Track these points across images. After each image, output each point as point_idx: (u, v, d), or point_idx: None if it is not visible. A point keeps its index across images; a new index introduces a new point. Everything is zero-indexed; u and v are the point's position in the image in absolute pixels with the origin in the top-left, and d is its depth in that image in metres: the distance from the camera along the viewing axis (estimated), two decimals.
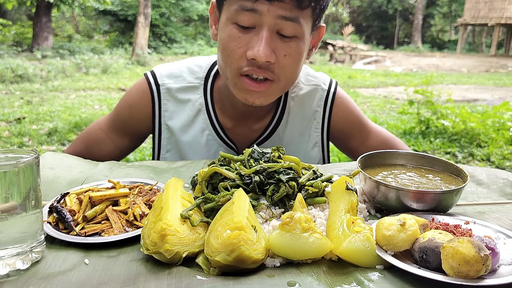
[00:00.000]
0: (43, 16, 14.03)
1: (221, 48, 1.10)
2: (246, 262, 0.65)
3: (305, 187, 0.86)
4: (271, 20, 1.02)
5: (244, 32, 1.05)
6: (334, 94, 1.36)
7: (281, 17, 1.02)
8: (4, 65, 9.00)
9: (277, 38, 1.05)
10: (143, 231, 0.72)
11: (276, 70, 1.08)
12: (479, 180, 1.09)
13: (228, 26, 1.07)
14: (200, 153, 1.30)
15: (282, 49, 1.06)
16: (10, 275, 0.65)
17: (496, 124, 4.91)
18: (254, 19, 1.03)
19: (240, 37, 1.05)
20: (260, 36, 1.03)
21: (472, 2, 21.27)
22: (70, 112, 6.00)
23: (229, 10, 1.06)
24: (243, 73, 1.08)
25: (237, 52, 1.06)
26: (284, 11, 1.02)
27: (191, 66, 1.33)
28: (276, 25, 1.03)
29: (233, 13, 1.04)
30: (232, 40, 1.06)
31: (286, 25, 1.03)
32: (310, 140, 1.36)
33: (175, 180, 0.84)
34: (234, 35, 1.06)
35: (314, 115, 1.36)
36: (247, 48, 1.05)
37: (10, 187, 0.65)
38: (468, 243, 0.60)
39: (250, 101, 1.12)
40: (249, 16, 1.02)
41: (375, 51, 21.94)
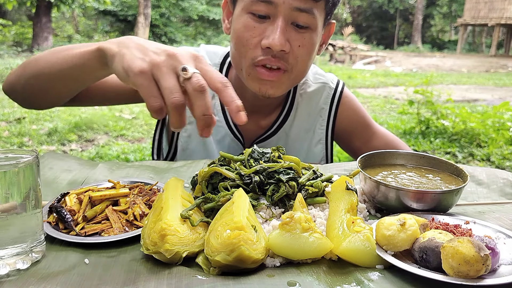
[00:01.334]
0: (43, 16, 14.03)
1: (236, 38, 1.11)
2: (246, 262, 0.65)
3: (305, 187, 0.86)
4: (286, 11, 1.04)
5: (259, 21, 1.07)
6: (341, 93, 1.39)
7: (296, 9, 1.05)
8: (4, 65, 9.00)
9: (292, 28, 1.07)
10: (143, 231, 0.72)
11: (290, 60, 1.10)
12: (479, 180, 1.09)
13: (243, 16, 1.09)
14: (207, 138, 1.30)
15: (296, 39, 1.08)
16: (10, 275, 0.65)
17: (496, 124, 4.92)
18: (269, 9, 1.05)
19: (255, 27, 1.07)
20: (275, 25, 1.05)
21: (472, 2, 21.27)
22: (70, 112, 6.00)
23: (244, 1, 1.08)
24: (258, 63, 1.09)
25: (252, 41, 1.08)
26: (299, 3, 1.04)
27: (209, 51, 1.35)
28: (291, 16, 1.06)
29: (249, 3, 1.06)
30: (247, 29, 1.08)
31: (301, 16, 1.06)
32: (314, 136, 1.38)
33: (175, 180, 0.84)
34: (249, 25, 1.07)
35: (320, 113, 1.38)
36: (262, 37, 1.07)
37: (10, 187, 0.65)
38: (468, 243, 0.60)
39: (263, 91, 1.13)
40: (265, 7, 1.05)
41: (375, 51, 21.94)
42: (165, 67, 0.70)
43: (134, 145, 4.60)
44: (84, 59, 0.90)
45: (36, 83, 1.05)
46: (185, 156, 1.33)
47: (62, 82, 1.01)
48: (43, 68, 1.01)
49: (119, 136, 5.03)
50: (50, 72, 1.00)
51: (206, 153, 1.30)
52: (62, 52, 0.98)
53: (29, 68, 1.06)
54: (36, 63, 1.04)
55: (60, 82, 1.02)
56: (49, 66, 1.00)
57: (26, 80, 1.07)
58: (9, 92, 1.15)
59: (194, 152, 1.32)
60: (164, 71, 0.70)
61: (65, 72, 0.97)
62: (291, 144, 1.35)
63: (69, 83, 1.02)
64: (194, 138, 1.31)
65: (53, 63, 0.99)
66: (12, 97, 1.16)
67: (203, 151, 1.31)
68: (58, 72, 0.98)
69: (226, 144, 1.32)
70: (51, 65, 0.99)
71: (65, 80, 1.01)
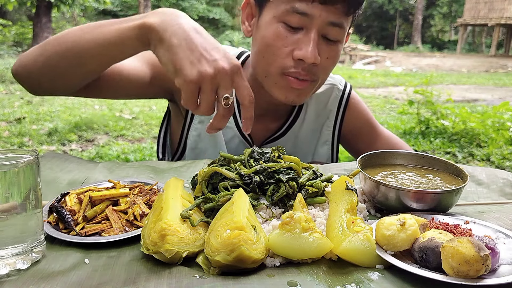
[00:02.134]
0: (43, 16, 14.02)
1: (264, 45, 1.10)
2: (246, 262, 0.65)
3: (305, 187, 0.86)
4: (321, 24, 1.05)
5: (292, 32, 1.07)
6: (348, 95, 1.40)
7: (330, 23, 1.05)
8: (4, 65, 9.01)
9: (323, 41, 1.08)
10: (143, 231, 0.72)
11: (317, 72, 1.11)
12: (479, 180, 1.09)
13: (274, 24, 1.08)
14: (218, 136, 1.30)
15: (325, 52, 1.09)
16: (10, 275, 0.65)
17: (496, 124, 4.92)
18: (304, 21, 1.05)
19: (287, 37, 1.07)
20: (309, 37, 1.05)
21: (472, 2, 21.27)
22: (70, 112, 6.00)
23: (277, 9, 1.07)
24: (289, 74, 1.09)
25: (283, 51, 1.08)
26: (333, 17, 1.05)
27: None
28: (324, 29, 1.06)
29: (283, 13, 1.06)
30: (279, 38, 1.07)
31: (333, 30, 1.07)
32: (321, 137, 1.40)
33: (175, 180, 0.84)
34: (282, 34, 1.07)
35: (328, 114, 1.40)
36: (294, 48, 1.07)
37: (10, 187, 0.65)
38: (468, 243, 0.60)
39: (290, 99, 1.14)
40: (300, 18, 1.05)
41: (375, 51, 21.94)
42: (211, 84, 0.78)
43: (134, 145, 4.60)
44: (123, 37, 0.88)
45: (62, 62, 0.98)
46: (194, 155, 1.32)
47: (92, 59, 0.96)
48: (72, 46, 0.95)
49: (119, 136, 5.03)
50: (80, 49, 0.95)
51: (216, 153, 1.30)
52: (96, 29, 0.94)
53: (54, 47, 0.98)
54: (63, 40, 0.97)
55: (91, 59, 0.96)
56: (78, 43, 0.94)
57: (47, 60, 0.99)
58: (21, 74, 1.06)
59: (203, 152, 1.32)
60: (209, 88, 0.78)
61: (97, 49, 0.93)
62: (299, 145, 1.36)
63: (101, 61, 0.97)
64: (204, 138, 1.31)
65: (86, 40, 0.94)
66: (23, 80, 1.08)
67: (213, 151, 1.31)
68: (91, 49, 0.94)
69: (234, 146, 1.32)
70: (83, 42, 0.94)
71: (96, 57, 0.96)
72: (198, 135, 1.31)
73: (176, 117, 1.37)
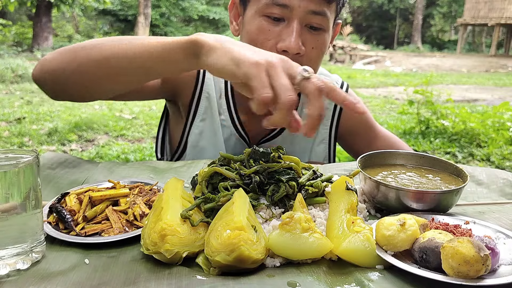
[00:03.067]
0: (43, 16, 14.02)
1: (249, 40, 1.11)
2: (246, 262, 0.65)
3: (305, 187, 0.86)
4: (301, 14, 1.05)
5: (274, 24, 1.07)
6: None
7: (311, 11, 1.06)
8: (4, 65, 9.00)
9: (306, 31, 1.08)
10: (143, 231, 0.72)
11: (304, 63, 1.10)
12: (479, 180, 1.09)
13: (256, 19, 1.09)
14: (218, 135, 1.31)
15: (310, 41, 1.09)
16: (10, 275, 0.65)
17: (496, 124, 4.92)
18: (284, 12, 1.06)
19: (269, 30, 1.08)
20: (291, 28, 1.06)
21: (472, 2, 21.27)
22: (70, 112, 6.00)
23: (258, 3, 1.08)
24: None
25: (268, 44, 1.08)
26: (314, 6, 1.05)
27: None
28: (306, 19, 1.07)
29: (263, 6, 1.07)
30: (262, 32, 1.08)
31: (315, 18, 1.07)
32: (317, 136, 1.39)
33: (175, 180, 0.84)
34: (264, 28, 1.08)
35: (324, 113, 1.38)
36: (278, 41, 1.07)
37: (10, 187, 0.65)
38: (468, 243, 0.60)
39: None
40: (280, 10, 1.05)
41: (375, 51, 21.94)
42: (281, 67, 0.72)
43: (134, 145, 4.59)
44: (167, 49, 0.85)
45: (96, 71, 0.95)
46: (194, 153, 1.32)
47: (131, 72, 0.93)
48: (109, 55, 0.92)
49: (119, 136, 5.03)
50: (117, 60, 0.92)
51: (215, 151, 1.30)
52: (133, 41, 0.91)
53: (87, 55, 0.95)
54: (97, 49, 0.94)
55: (129, 72, 0.93)
56: (116, 54, 0.91)
57: (78, 67, 0.96)
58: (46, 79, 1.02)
59: (204, 150, 1.32)
60: (279, 71, 0.72)
61: (137, 62, 0.90)
62: (295, 143, 1.36)
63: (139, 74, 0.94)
64: (205, 136, 1.31)
65: (123, 51, 0.91)
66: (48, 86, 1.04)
67: (213, 149, 1.31)
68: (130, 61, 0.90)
69: (232, 144, 1.32)
70: (119, 53, 0.91)
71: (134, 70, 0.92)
72: (199, 133, 1.31)
73: (175, 117, 1.37)
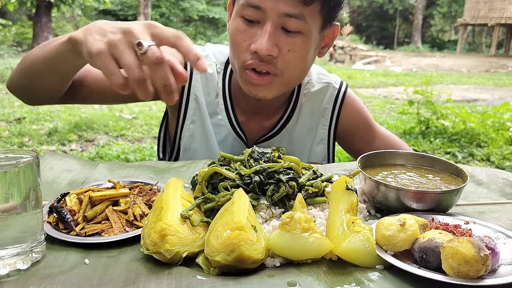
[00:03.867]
0: (43, 16, 14.02)
1: (230, 40, 1.14)
2: (246, 262, 0.65)
3: (305, 187, 0.86)
4: (275, 16, 1.05)
5: (249, 25, 1.08)
6: (344, 93, 1.39)
7: (285, 14, 1.04)
8: (4, 65, 9.00)
9: (282, 33, 1.07)
10: (143, 231, 0.72)
11: (279, 65, 1.10)
12: (479, 180, 1.09)
13: (236, 19, 1.11)
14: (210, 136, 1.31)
15: (286, 44, 1.08)
16: (10, 275, 0.65)
17: (496, 124, 4.92)
18: (258, 14, 1.06)
19: (245, 31, 1.09)
20: (263, 30, 1.06)
21: (472, 2, 21.26)
22: (70, 112, 6.00)
23: (237, 4, 1.10)
24: (248, 67, 1.11)
25: (243, 45, 1.09)
26: (288, 8, 1.03)
27: (215, 50, 1.36)
28: (280, 21, 1.06)
29: (240, 7, 1.08)
30: (239, 33, 1.10)
31: (290, 21, 1.06)
32: (316, 136, 1.39)
33: (175, 180, 0.84)
34: (241, 28, 1.09)
35: (323, 112, 1.38)
36: (252, 42, 1.08)
37: (10, 187, 0.65)
38: (468, 243, 0.60)
39: (254, 93, 1.15)
40: (254, 12, 1.06)
41: (375, 51, 21.94)
42: (122, 44, 0.72)
43: (134, 145, 4.59)
44: (59, 51, 0.91)
45: (27, 78, 1.08)
46: (187, 156, 1.33)
47: (46, 73, 1.02)
48: (31, 63, 1.04)
49: (119, 136, 5.03)
50: (36, 66, 1.02)
51: (208, 153, 1.30)
52: (45, 46, 0.99)
53: (22, 64, 1.09)
54: (26, 58, 1.07)
55: (45, 73, 1.02)
56: (34, 61, 1.02)
57: (20, 75, 1.10)
58: (10, 88, 1.16)
59: (196, 152, 1.32)
60: (121, 49, 0.71)
61: (46, 64, 0.98)
62: (294, 143, 1.36)
63: (51, 76, 1.03)
64: (197, 138, 1.31)
65: (37, 57, 1.01)
66: (14, 93, 1.17)
67: (205, 151, 1.31)
68: (41, 66, 1.00)
69: (229, 144, 1.32)
70: (35, 60, 1.01)
71: (48, 71, 1.01)
72: (191, 135, 1.31)
73: (173, 118, 1.37)
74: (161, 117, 1.45)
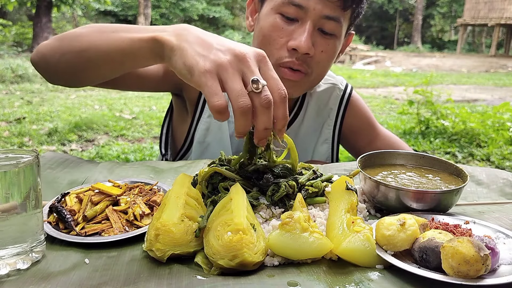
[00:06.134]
0: (43, 16, 14.02)
1: (262, 36, 1.13)
2: (247, 266, 0.65)
3: (305, 187, 0.86)
4: (316, 17, 1.08)
5: (287, 23, 1.09)
6: (350, 94, 1.41)
7: (325, 16, 1.08)
8: (4, 65, 9.00)
9: (318, 33, 1.10)
10: (149, 226, 0.72)
11: (311, 64, 1.12)
12: (479, 180, 1.09)
13: (271, 15, 1.11)
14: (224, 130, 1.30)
15: (320, 44, 1.10)
16: (10, 275, 0.65)
17: (496, 124, 4.92)
18: (299, 13, 1.08)
19: (283, 28, 1.10)
20: (303, 28, 1.08)
21: (472, 3, 21.26)
22: (70, 112, 6.00)
23: (274, 1, 1.10)
24: (284, 65, 1.11)
25: (279, 41, 1.10)
26: (329, 11, 1.07)
27: None
28: (319, 22, 1.09)
29: (279, 4, 1.09)
30: (275, 29, 1.10)
31: (328, 23, 1.09)
32: (321, 136, 1.41)
33: (183, 177, 0.85)
34: (278, 25, 1.10)
35: (328, 113, 1.41)
36: (289, 39, 1.09)
37: (11, 187, 0.65)
38: (468, 242, 0.60)
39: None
40: (295, 10, 1.07)
41: (375, 51, 21.94)
42: (233, 68, 0.68)
43: (134, 145, 4.59)
44: (135, 47, 0.83)
45: (77, 61, 0.96)
46: (201, 149, 1.33)
47: (106, 64, 0.94)
48: (87, 47, 0.93)
49: (119, 136, 5.03)
50: (94, 52, 0.92)
51: (220, 147, 1.30)
52: (110, 34, 0.90)
53: (69, 44, 0.97)
54: (78, 39, 0.96)
55: (104, 64, 0.94)
56: (93, 46, 0.92)
57: (62, 56, 0.98)
58: (40, 64, 1.05)
59: (210, 145, 1.32)
60: (231, 73, 0.68)
61: (111, 55, 0.90)
62: (299, 142, 1.37)
63: (113, 67, 0.94)
64: (212, 131, 1.31)
65: (99, 44, 0.91)
66: (41, 70, 1.07)
67: (218, 145, 1.31)
68: (104, 54, 0.91)
69: (236, 140, 1.32)
70: (96, 45, 0.91)
71: (109, 63, 0.93)
72: (206, 128, 1.31)
73: (180, 112, 1.37)
74: (161, 117, 1.45)
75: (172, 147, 1.44)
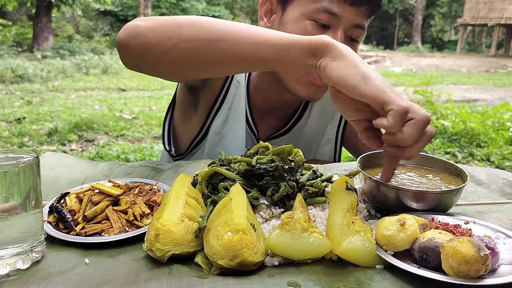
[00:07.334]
0: (43, 16, 14.03)
1: None
2: (248, 266, 0.65)
3: (305, 187, 0.86)
4: (347, 25, 1.11)
5: (320, 30, 1.11)
6: None
7: (355, 24, 1.12)
8: (4, 65, 9.01)
9: (346, 40, 1.14)
10: (149, 226, 0.72)
11: None
12: (479, 180, 1.09)
13: (302, 21, 1.12)
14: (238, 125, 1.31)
15: None
16: (10, 275, 0.65)
17: (496, 124, 4.92)
18: (332, 20, 1.10)
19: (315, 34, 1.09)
20: (335, 36, 1.10)
21: (472, 3, 21.26)
22: (70, 112, 6.00)
23: (305, 7, 1.12)
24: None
25: None
26: (359, 19, 1.12)
27: None
28: (348, 30, 1.13)
29: (312, 11, 1.10)
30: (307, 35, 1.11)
31: (356, 31, 1.14)
32: (324, 136, 1.42)
33: (183, 177, 0.85)
34: (309, 31, 1.11)
35: (333, 113, 1.42)
36: None
37: (11, 187, 0.65)
38: (468, 242, 0.60)
39: (311, 95, 1.18)
40: (328, 17, 1.10)
41: (375, 51, 21.95)
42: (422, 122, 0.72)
43: (134, 145, 4.60)
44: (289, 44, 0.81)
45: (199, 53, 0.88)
46: (216, 140, 1.32)
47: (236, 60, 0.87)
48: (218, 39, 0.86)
49: (119, 136, 5.03)
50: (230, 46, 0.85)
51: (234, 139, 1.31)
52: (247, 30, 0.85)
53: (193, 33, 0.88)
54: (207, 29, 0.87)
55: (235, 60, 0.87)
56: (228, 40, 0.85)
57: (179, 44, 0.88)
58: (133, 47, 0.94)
59: (225, 137, 1.32)
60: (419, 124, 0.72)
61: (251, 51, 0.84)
62: (302, 142, 1.38)
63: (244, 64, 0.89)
64: (229, 123, 1.31)
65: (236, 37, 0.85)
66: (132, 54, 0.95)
67: (232, 137, 1.32)
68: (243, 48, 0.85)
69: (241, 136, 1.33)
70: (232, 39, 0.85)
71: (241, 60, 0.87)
72: (224, 120, 1.31)
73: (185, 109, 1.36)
74: (161, 117, 1.45)
75: (175, 143, 1.44)
